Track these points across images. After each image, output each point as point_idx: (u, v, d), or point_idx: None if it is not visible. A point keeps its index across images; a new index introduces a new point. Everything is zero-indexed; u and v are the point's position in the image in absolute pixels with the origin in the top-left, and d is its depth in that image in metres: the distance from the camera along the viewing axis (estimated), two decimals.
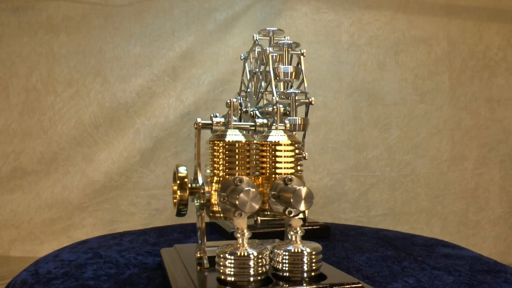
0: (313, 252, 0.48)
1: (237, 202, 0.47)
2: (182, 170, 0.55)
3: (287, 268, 0.48)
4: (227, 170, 0.53)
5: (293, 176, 0.52)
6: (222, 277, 0.48)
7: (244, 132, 0.56)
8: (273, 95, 0.92)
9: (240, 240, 0.49)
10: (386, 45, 1.34)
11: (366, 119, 1.34)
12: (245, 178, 0.52)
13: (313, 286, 0.47)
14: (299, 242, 0.49)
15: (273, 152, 0.54)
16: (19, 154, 1.35)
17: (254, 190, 0.48)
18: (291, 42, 0.96)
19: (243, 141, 0.53)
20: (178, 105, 1.35)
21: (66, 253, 0.79)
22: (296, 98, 0.91)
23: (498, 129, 1.33)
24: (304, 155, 0.89)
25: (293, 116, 0.87)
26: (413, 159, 1.33)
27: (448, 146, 1.33)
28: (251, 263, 0.47)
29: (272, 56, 1.00)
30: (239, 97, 0.92)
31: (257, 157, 0.54)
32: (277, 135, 0.54)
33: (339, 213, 1.32)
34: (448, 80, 1.34)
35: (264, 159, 0.54)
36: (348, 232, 0.92)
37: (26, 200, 1.34)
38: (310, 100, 0.89)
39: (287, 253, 0.48)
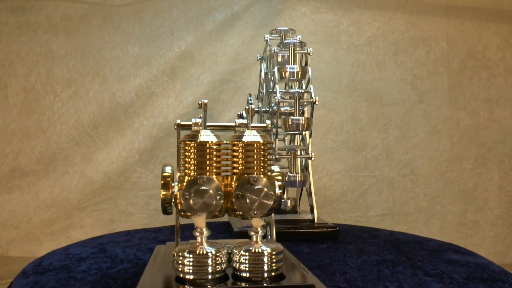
0: (273, 252, 0.48)
1: (191, 202, 0.49)
2: (168, 170, 0.56)
3: (247, 268, 0.48)
4: (197, 170, 0.53)
5: (259, 176, 0.52)
6: (181, 275, 0.48)
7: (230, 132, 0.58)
8: (275, 95, 0.92)
9: (199, 239, 0.49)
10: (385, 45, 1.34)
11: (365, 119, 1.34)
12: (210, 177, 0.52)
13: (263, 285, 0.47)
14: (259, 242, 0.49)
15: (244, 152, 0.54)
16: (18, 154, 1.35)
17: (207, 189, 0.48)
18: (297, 41, 0.95)
19: (214, 141, 0.54)
20: (177, 105, 1.35)
21: (76, 247, 0.83)
22: (300, 97, 0.90)
23: (497, 129, 1.33)
24: (310, 155, 0.88)
25: (296, 116, 0.86)
26: (412, 159, 1.33)
27: (447, 146, 1.33)
28: (209, 261, 0.47)
29: (283, 56, 1.00)
30: (249, 98, 0.91)
31: (228, 157, 0.55)
32: (250, 135, 0.55)
33: (338, 213, 1.32)
34: (447, 80, 1.34)
35: (236, 159, 0.54)
36: (360, 235, 0.90)
37: (24, 200, 1.34)
38: (314, 100, 0.88)
39: (247, 253, 0.48)
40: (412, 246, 0.79)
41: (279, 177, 0.58)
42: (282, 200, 0.98)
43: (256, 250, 0.48)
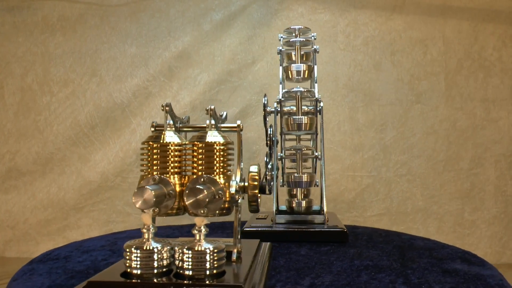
0: (215, 251, 0.50)
1: (133, 199, 0.51)
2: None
3: (190, 266, 0.49)
4: (159, 170, 0.56)
5: (206, 176, 0.54)
6: (128, 270, 0.51)
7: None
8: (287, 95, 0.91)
9: (146, 235, 0.52)
10: (382, 45, 1.34)
11: (362, 119, 1.34)
12: (163, 177, 0.55)
13: (183, 282, 0.48)
14: (202, 241, 0.50)
15: (203, 152, 0.56)
16: (15, 154, 1.35)
17: (148, 188, 0.51)
18: (303, 39, 0.93)
19: (175, 141, 0.57)
20: (174, 105, 1.34)
21: (92, 240, 0.89)
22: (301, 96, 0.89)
23: (493, 130, 1.34)
24: (316, 155, 0.86)
25: (298, 115, 0.85)
26: (409, 159, 1.33)
27: (444, 146, 1.33)
28: (155, 256, 0.50)
29: (295, 54, 0.98)
30: (264, 98, 0.91)
31: (187, 157, 0.57)
32: (211, 136, 0.57)
33: (336, 213, 1.32)
34: (443, 80, 1.34)
35: (195, 159, 0.57)
36: (376, 238, 0.88)
37: (21, 201, 1.34)
38: (317, 98, 0.87)
39: (189, 251, 0.49)
40: (419, 253, 0.76)
41: (256, 177, 0.62)
42: (297, 201, 0.97)
43: (198, 249, 0.49)
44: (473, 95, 1.34)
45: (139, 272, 0.50)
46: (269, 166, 0.91)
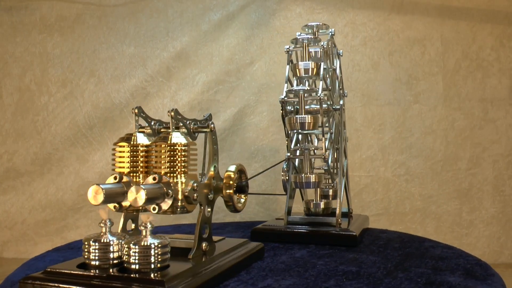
0: (159, 246, 0.52)
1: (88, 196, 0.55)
2: None
3: (136, 260, 0.52)
4: (124, 169, 0.61)
5: (158, 175, 0.57)
6: (86, 261, 0.54)
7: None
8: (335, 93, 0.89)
9: (103, 229, 0.56)
10: (380, 45, 1.34)
11: (360, 119, 1.34)
12: (123, 175, 0.59)
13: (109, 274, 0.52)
14: (148, 236, 0.53)
15: (164, 152, 0.59)
16: (13, 154, 1.35)
17: (97, 185, 0.54)
18: (310, 36, 0.91)
19: (143, 143, 0.61)
20: (173, 105, 1.35)
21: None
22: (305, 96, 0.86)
23: (491, 129, 1.34)
24: (324, 155, 0.83)
25: (301, 114, 0.83)
26: (407, 159, 1.33)
27: (442, 146, 1.33)
28: (111, 248, 0.54)
29: (316, 51, 0.93)
30: (283, 96, 0.89)
31: (152, 157, 0.60)
32: (174, 137, 0.60)
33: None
34: (442, 80, 1.34)
35: (157, 159, 0.59)
36: (391, 244, 0.84)
37: (19, 201, 1.34)
38: (319, 96, 0.84)
39: (136, 246, 0.52)
40: (421, 262, 0.71)
41: (231, 176, 0.67)
42: (313, 202, 0.94)
43: (144, 244, 0.52)
44: (471, 95, 1.35)
45: (92, 263, 0.54)
46: (284, 167, 0.90)
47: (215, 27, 1.37)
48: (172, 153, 0.59)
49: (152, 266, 0.52)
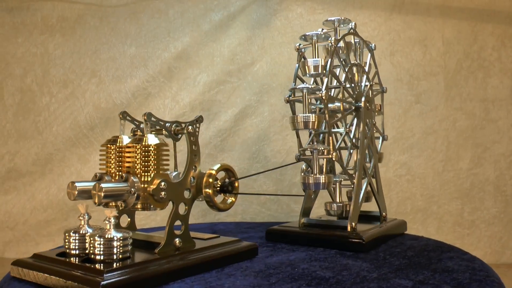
0: (121, 238, 0.58)
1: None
2: None
3: (101, 252, 0.57)
4: (106, 168, 0.66)
5: (126, 174, 0.62)
6: (67, 251, 0.62)
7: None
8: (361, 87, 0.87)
9: (82, 222, 0.63)
10: (381, 45, 1.34)
11: None
12: (103, 174, 0.64)
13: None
14: (111, 230, 0.58)
15: (138, 153, 0.63)
16: (14, 155, 1.35)
17: (71, 182, 0.61)
18: (319, 32, 0.88)
19: (129, 145, 0.65)
20: (174, 105, 1.35)
21: None
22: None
23: (492, 130, 1.34)
24: (331, 155, 0.80)
25: (305, 113, 0.80)
26: (409, 159, 1.33)
27: (444, 146, 1.33)
28: (85, 240, 0.61)
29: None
30: (290, 92, 0.87)
31: (126, 158, 0.64)
32: (149, 139, 0.65)
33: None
34: (443, 80, 1.34)
35: (134, 159, 0.63)
36: (403, 252, 0.78)
37: (21, 202, 1.34)
38: (321, 94, 0.83)
39: (100, 239, 0.57)
40: (417, 273, 0.65)
41: (212, 175, 0.69)
42: (331, 204, 0.90)
43: (108, 236, 0.57)
44: (473, 95, 1.35)
45: (68, 251, 0.61)
46: (303, 167, 0.89)
47: (216, 27, 1.37)
48: (144, 153, 0.63)
49: (114, 257, 0.58)
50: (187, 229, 0.67)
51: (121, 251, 0.58)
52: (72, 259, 0.60)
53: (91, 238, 0.58)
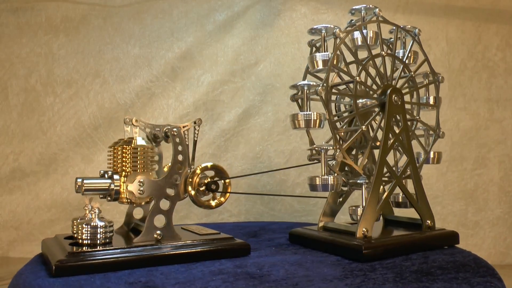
0: (105, 226, 0.70)
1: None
2: None
3: (88, 237, 0.69)
4: (110, 167, 0.76)
5: (112, 172, 0.73)
6: (74, 235, 0.71)
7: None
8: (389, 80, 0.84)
9: (86, 211, 0.72)
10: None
11: None
12: (108, 172, 0.74)
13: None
14: (95, 219, 0.70)
15: (128, 154, 0.74)
16: (18, 155, 1.35)
17: (78, 178, 0.72)
18: (330, 26, 0.82)
19: (139, 146, 0.75)
20: (177, 106, 1.35)
21: None
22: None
23: (497, 130, 1.33)
24: (336, 156, 0.75)
25: (306, 111, 0.76)
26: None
27: (447, 147, 1.33)
28: (98, 230, 0.70)
29: (356, 38, 0.85)
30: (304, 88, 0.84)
31: (117, 158, 0.75)
32: (137, 141, 0.76)
33: (339, 214, 1.32)
34: (447, 80, 1.34)
35: (122, 160, 0.74)
36: (417, 265, 0.69)
37: (25, 201, 1.34)
38: (317, 91, 0.81)
39: (87, 226, 0.69)
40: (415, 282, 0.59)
41: (197, 174, 0.75)
42: (355, 208, 0.83)
43: (93, 224, 0.69)
44: (477, 95, 1.34)
45: (75, 236, 0.70)
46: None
47: (220, 27, 1.37)
48: (133, 154, 0.74)
49: (98, 241, 0.69)
50: (169, 224, 0.73)
51: (104, 236, 0.70)
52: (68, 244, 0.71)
53: (80, 226, 0.69)
